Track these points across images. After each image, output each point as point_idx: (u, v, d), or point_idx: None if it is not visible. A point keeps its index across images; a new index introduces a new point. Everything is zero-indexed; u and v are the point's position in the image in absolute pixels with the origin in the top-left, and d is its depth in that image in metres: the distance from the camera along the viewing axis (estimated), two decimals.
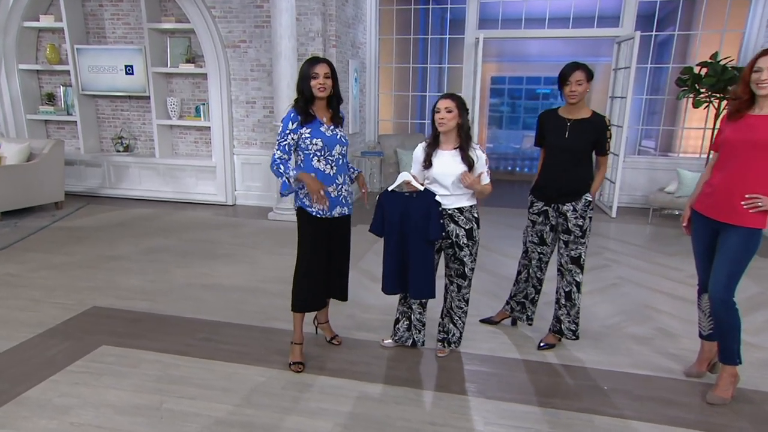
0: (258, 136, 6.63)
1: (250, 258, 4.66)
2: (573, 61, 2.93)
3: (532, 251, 3.14)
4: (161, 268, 4.38)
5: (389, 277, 2.83)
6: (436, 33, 8.66)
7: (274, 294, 3.85)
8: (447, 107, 2.64)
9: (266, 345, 3.11)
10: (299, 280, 2.85)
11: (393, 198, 2.77)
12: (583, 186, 2.91)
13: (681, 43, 6.99)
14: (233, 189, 6.80)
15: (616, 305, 3.77)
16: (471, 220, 2.80)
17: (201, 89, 6.86)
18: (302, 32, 6.00)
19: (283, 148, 2.71)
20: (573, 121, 2.86)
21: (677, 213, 6.07)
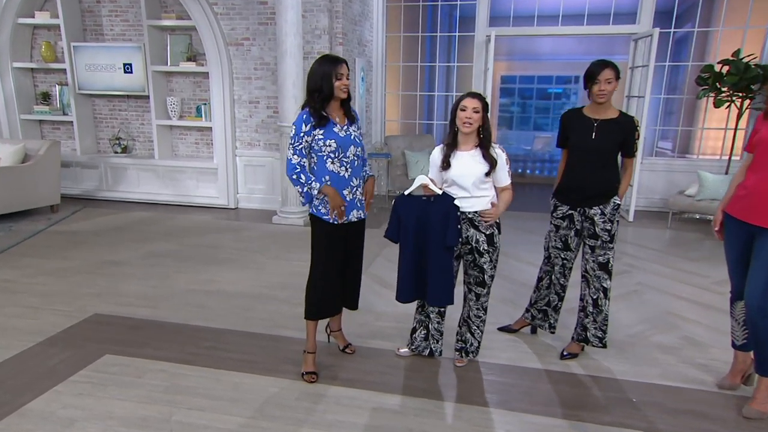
0: (261, 137, 6.62)
1: (254, 263, 4.65)
2: (600, 58, 2.92)
3: (555, 257, 3.11)
4: (163, 273, 4.37)
5: (405, 284, 2.80)
6: (444, 30, 8.65)
7: (280, 300, 3.83)
8: (475, 107, 2.62)
9: (275, 354, 3.08)
10: (313, 287, 2.84)
11: (409, 202, 2.75)
12: (611, 188, 2.89)
13: (699, 41, 6.98)
14: (235, 192, 6.79)
15: (639, 313, 3.74)
16: (492, 225, 2.77)
17: (202, 88, 6.87)
18: (308, 29, 6.01)
19: (299, 152, 2.68)
20: (600, 121, 2.84)
21: (698, 217, 6.04)
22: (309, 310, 2.87)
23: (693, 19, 7.49)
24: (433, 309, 2.96)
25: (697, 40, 6.93)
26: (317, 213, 2.77)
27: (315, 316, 2.88)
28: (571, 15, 7.22)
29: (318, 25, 6.05)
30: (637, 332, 3.44)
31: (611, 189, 2.89)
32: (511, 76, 10.72)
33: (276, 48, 6.11)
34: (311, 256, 2.85)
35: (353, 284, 3.00)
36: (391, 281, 4.26)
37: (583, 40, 9.34)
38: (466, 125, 2.64)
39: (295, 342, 3.20)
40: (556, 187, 3.09)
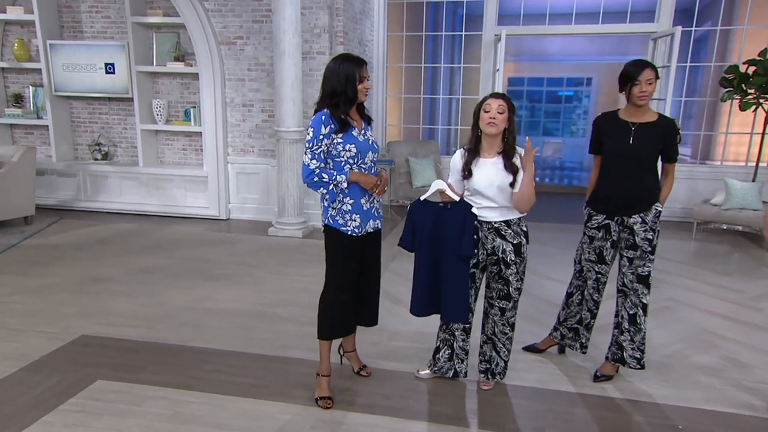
0: (255, 143, 6.60)
1: (253, 278, 4.62)
2: (637, 58, 2.95)
3: (588, 270, 3.09)
4: (154, 290, 4.32)
5: (419, 296, 2.79)
6: (447, 30, 8.72)
7: (285, 319, 3.80)
8: (500, 106, 2.62)
9: (284, 377, 3.04)
10: (329, 304, 2.82)
11: (425, 208, 2.75)
12: (652, 195, 2.89)
13: (720, 40, 7.06)
14: (227, 201, 6.75)
15: (673, 331, 3.74)
16: (519, 234, 2.76)
17: (191, 90, 6.85)
18: (306, 28, 6.02)
19: (318, 156, 2.65)
20: (639, 124, 2.85)
21: (725, 227, 6.07)
22: (323, 329, 2.84)
23: (713, 17, 7.60)
24: (458, 326, 2.94)
25: (717, 39, 7.02)
26: (333, 224, 2.75)
27: (330, 335, 2.85)
28: (585, 13, 7.30)
29: (318, 23, 6.07)
30: (674, 352, 3.44)
31: (653, 196, 2.89)
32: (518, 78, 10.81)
33: (272, 47, 6.12)
34: (326, 271, 2.82)
35: (371, 298, 2.98)
36: (403, 297, 4.24)
37: (595, 39, 9.45)
38: (491, 125, 2.63)
39: (305, 364, 3.16)
40: (590, 195, 3.09)
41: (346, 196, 2.71)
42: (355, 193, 2.72)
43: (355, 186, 2.70)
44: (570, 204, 8.37)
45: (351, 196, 2.71)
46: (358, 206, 2.73)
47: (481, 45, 7.43)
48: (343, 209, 2.72)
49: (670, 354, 3.41)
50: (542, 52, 10.18)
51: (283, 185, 5.87)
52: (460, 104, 8.13)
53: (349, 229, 2.72)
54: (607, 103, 10.09)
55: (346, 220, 2.72)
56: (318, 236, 5.93)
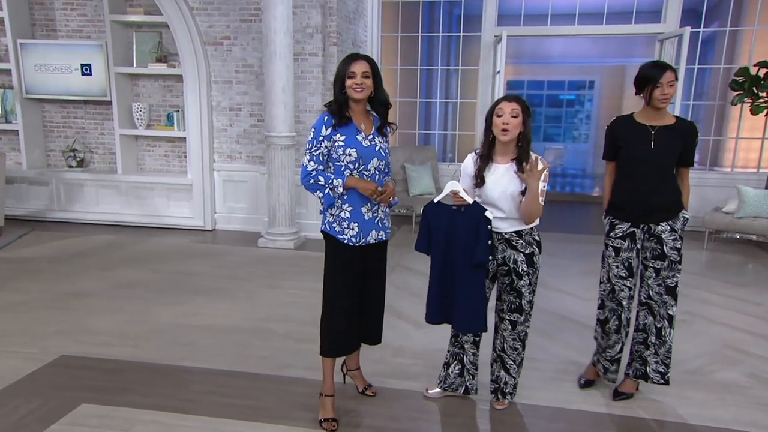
0: (243, 149, 6.58)
1: (245, 293, 4.59)
2: (654, 60, 2.97)
3: (620, 289, 2.97)
4: (139, 306, 4.27)
5: (433, 303, 2.79)
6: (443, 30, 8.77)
7: (282, 335, 3.78)
8: (513, 110, 2.61)
9: (284, 398, 3.01)
10: (329, 319, 2.80)
11: (438, 211, 2.73)
12: (678, 201, 2.91)
13: (728, 41, 7.17)
14: (213, 211, 6.72)
15: (694, 345, 3.76)
16: (531, 243, 2.76)
17: (174, 93, 6.82)
18: (298, 28, 6.03)
19: (316, 158, 2.67)
20: (659, 128, 2.87)
21: (738, 237, 6.13)
22: (326, 346, 2.82)
23: (720, 18, 7.74)
24: (468, 338, 2.93)
25: (726, 40, 7.13)
26: (331, 231, 2.74)
27: (334, 352, 2.83)
28: (587, 14, 7.39)
29: (310, 23, 6.08)
30: (697, 368, 3.44)
31: (678, 201, 2.91)
32: (518, 81, 10.91)
33: (261, 48, 6.12)
34: (324, 283, 2.81)
35: (374, 314, 2.96)
36: (405, 310, 4.25)
37: (598, 41, 9.56)
38: (504, 132, 2.63)
39: (305, 383, 3.13)
40: (609, 202, 3.08)
41: (344, 202, 2.70)
42: (354, 200, 2.70)
43: (355, 192, 2.69)
44: (573, 213, 8.43)
45: (350, 203, 2.70)
46: (357, 214, 2.71)
47: (480, 46, 7.49)
48: (341, 216, 2.71)
49: (692, 370, 3.41)
50: (542, 54, 10.29)
51: (274, 194, 5.84)
52: (458, 108, 8.16)
53: (346, 238, 2.70)
54: (611, 107, 10.21)
55: (343, 227, 2.70)
56: (311, 247, 5.96)
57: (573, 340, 3.81)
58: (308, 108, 6.22)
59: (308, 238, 6.26)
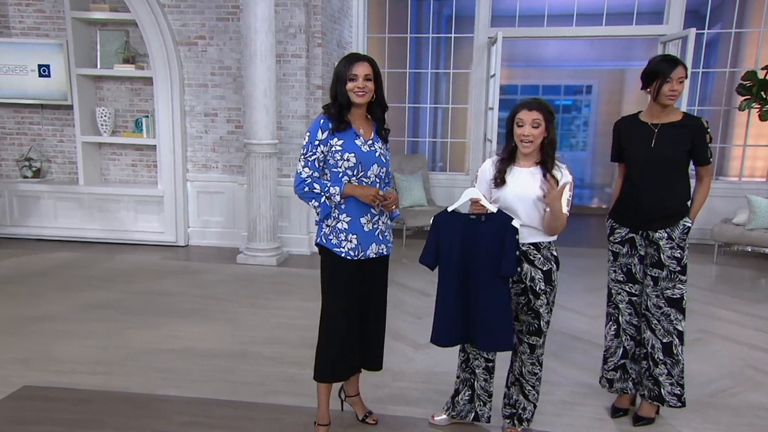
0: (220, 158, 6.55)
1: (226, 313, 4.55)
2: (664, 54, 3.02)
3: (617, 293, 3.11)
4: (110, 329, 4.20)
5: (444, 324, 2.74)
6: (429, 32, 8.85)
7: (270, 359, 3.75)
8: (534, 120, 2.62)
9: (275, 428, 2.96)
10: (326, 341, 2.78)
11: (453, 221, 2.71)
12: (680, 207, 2.94)
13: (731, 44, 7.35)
14: (186, 225, 6.67)
15: (712, 366, 3.79)
16: (549, 259, 2.77)
17: (143, 97, 6.77)
18: (280, 27, 6.04)
19: (311, 164, 2.65)
20: (662, 125, 2.92)
21: (749, 250, 6.24)
22: (322, 370, 2.80)
23: (723, 20, 7.94)
24: (479, 363, 2.91)
25: (727, 44, 7.31)
26: (326, 243, 2.72)
27: (329, 377, 2.81)
28: (585, 14, 7.52)
29: (293, 22, 6.09)
30: (718, 390, 3.47)
31: (681, 208, 2.94)
32: (511, 85, 11.03)
33: (240, 49, 6.13)
34: (322, 302, 2.79)
35: (375, 337, 2.93)
36: (404, 331, 4.23)
37: (595, 43, 9.74)
38: (525, 144, 2.64)
39: (299, 411, 3.09)
40: (613, 205, 3.14)
41: (342, 212, 2.69)
42: (352, 210, 2.69)
43: (353, 201, 2.68)
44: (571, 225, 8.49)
45: (348, 213, 2.69)
46: (356, 226, 2.70)
47: (473, 48, 7.56)
48: (338, 227, 2.69)
49: (713, 392, 3.44)
50: (537, 57, 10.44)
51: (254, 206, 5.81)
52: (450, 114, 8.22)
53: (343, 251, 2.69)
54: (609, 112, 10.37)
55: (340, 240, 2.69)
56: (295, 264, 5.94)
57: (583, 360, 3.83)
58: (291, 113, 6.21)
59: (292, 253, 6.23)
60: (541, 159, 2.71)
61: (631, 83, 10.10)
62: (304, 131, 6.20)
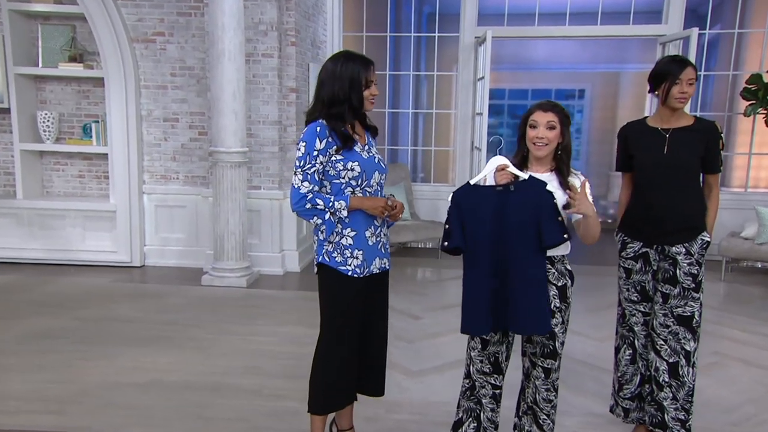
0: (181, 168, 6.51)
1: (194, 341, 4.52)
2: (672, 55, 3.10)
3: (631, 314, 3.15)
4: (60, 361, 4.12)
5: (478, 310, 2.67)
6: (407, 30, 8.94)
7: (249, 391, 3.72)
8: (549, 122, 2.65)
9: None
10: (326, 367, 2.78)
11: (475, 195, 2.66)
12: (698, 218, 3.00)
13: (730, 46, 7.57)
14: (141, 243, 6.59)
15: (732, 391, 3.85)
16: (564, 274, 2.78)
17: (92, 100, 6.70)
18: (249, 24, 6.03)
19: (311, 178, 2.63)
20: (673, 130, 2.99)
21: (759, 266, 6.40)
22: (317, 402, 2.80)
23: (723, 20, 8.19)
24: (486, 392, 2.89)
25: (728, 45, 7.54)
26: (330, 262, 2.72)
27: (325, 408, 2.82)
28: (578, 13, 7.68)
29: (263, 18, 6.09)
30: (742, 418, 3.52)
31: (699, 219, 3.00)
32: (498, 89, 11.17)
33: (204, 47, 6.12)
34: (322, 325, 2.80)
35: (378, 360, 2.96)
36: (395, 358, 4.21)
37: (588, 44, 9.95)
38: (539, 147, 2.67)
39: None
40: (622, 218, 3.19)
41: (345, 226, 2.69)
42: (357, 224, 2.70)
43: (357, 214, 2.69)
44: None
45: (353, 228, 2.69)
46: (361, 240, 2.71)
47: (459, 49, 7.65)
48: (343, 243, 2.70)
49: (738, 420, 3.49)
50: (526, 58, 10.58)
51: (221, 221, 5.76)
52: (434, 120, 8.27)
53: (350, 269, 2.70)
54: (604, 119, 10.57)
55: (345, 257, 2.70)
56: (266, 285, 5.93)
57: (592, 387, 3.87)
58: (262, 118, 6.19)
59: (263, 274, 6.19)
60: (555, 166, 2.74)
61: (627, 87, 10.37)
62: (275, 138, 6.21)
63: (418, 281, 6.46)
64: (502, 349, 2.82)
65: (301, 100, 6.49)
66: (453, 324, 3.82)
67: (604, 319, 5.04)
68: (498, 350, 2.81)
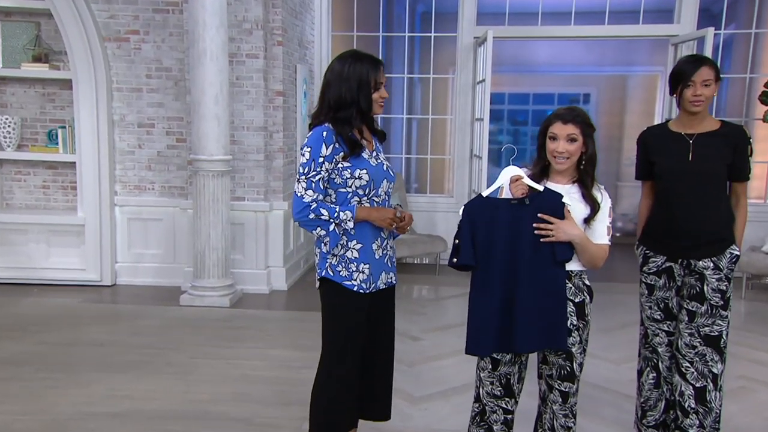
0: (158, 177, 6.50)
1: (174, 366, 4.50)
2: (692, 54, 3.12)
3: (654, 334, 3.14)
4: (28, 390, 4.07)
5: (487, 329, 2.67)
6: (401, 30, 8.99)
7: (239, 420, 3.68)
8: (570, 135, 2.64)
9: None
10: (331, 391, 2.78)
11: (489, 209, 2.67)
12: (726, 230, 3.01)
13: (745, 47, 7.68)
14: (112, 261, 6.55)
15: (764, 418, 3.86)
16: (582, 289, 2.78)
17: (59, 104, 6.67)
18: (233, 22, 6.04)
19: (316, 186, 2.62)
20: (697, 135, 3.00)
21: None
22: (318, 427, 2.81)
23: (737, 20, 8.30)
24: (498, 417, 2.86)
25: (743, 46, 7.64)
26: (334, 276, 2.72)
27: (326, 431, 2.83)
28: (584, 12, 7.75)
29: (248, 16, 6.11)
30: None
31: (727, 231, 3.01)
32: (497, 93, 11.18)
33: (183, 47, 6.14)
34: (324, 345, 2.80)
35: (383, 382, 2.98)
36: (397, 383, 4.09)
37: (594, 46, 10.03)
38: (560, 161, 2.67)
39: None
40: (642, 230, 3.20)
41: (351, 238, 2.69)
42: (364, 236, 2.70)
43: (364, 226, 2.70)
44: None
45: (358, 240, 2.70)
46: (367, 253, 2.71)
47: (456, 50, 7.70)
48: (348, 257, 2.70)
49: None
50: (527, 61, 10.65)
51: (203, 236, 5.74)
52: (430, 126, 8.30)
53: (356, 284, 2.71)
54: (610, 125, 10.64)
55: (351, 271, 2.70)
56: (251, 304, 5.92)
57: (611, 414, 3.86)
58: (246, 124, 6.20)
59: (247, 292, 6.17)
60: (578, 177, 2.75)
61: (635, 92, 10.47)
62: (261, 145, 6.21)
63: (416, 300, 6.43)
64: (514, 370, 2.81)
65: (288, 105, 6.50)
66: (456, 345, 3.84)
67: (618, 339, 5.07)
68: (510, 371, 2.80)
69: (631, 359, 4.54)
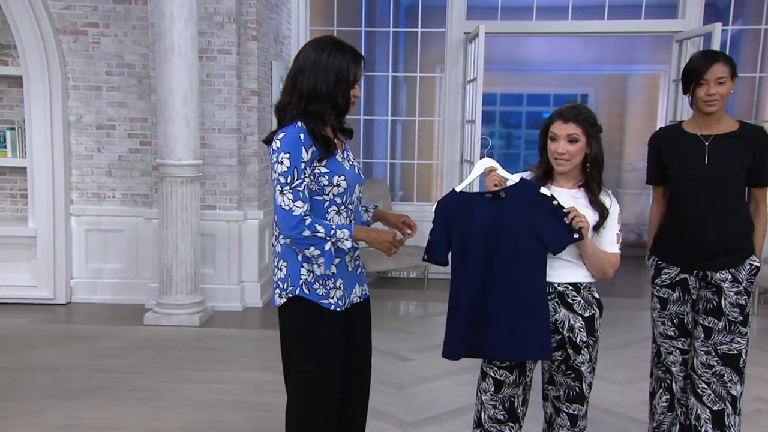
0: (118, 184, 6.49)
1: (139, 391, 4.47)
2: (706, 50, 3.14)
3: (668, 352, 3.16)
4: None
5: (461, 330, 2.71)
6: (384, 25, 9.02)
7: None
8: (571, 135, 2.65)
9: None
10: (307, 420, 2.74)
11: (464, 204, 2.71)
12: (746, 239, 3.04)
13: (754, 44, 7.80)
14: (67, 276, 6.51)
15: None
16: (591, 303, 2.80)
17: (7, 103, 6.65)
18: (203, 14, 6.04)
19: (303, 196, 2.53)
20: (714, 137, 3.02)
21: None
22: None
23: (745, 15, 8.43)
24: None
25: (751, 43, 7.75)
26: (311, 295, 2.64)
27: None
28: (582, 7, 7.84)
29: (219, 8, 6.12)
30: None
31: (746, 241, 3.04)
32: (489, 94, 11.27)
33: (148, 41, 6.13)
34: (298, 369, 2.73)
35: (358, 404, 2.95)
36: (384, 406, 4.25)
37: (591, 43, 10.12)
38: (560, 162, 2.69)
39: None
40: (655, 238, 3.23)
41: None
42: (342, 250, 2.65)
43: None
44: None
45: (338, 254, 2.64)
46: (342, 268, 2.68)
47: (444, 47, 7.75)
48: (324, 273, 2.63)
49: None
50: (520, 59, 10.72)
51: (169, 248, 5.72)
52: (417, 129, 8.31)
53: (332, 302, 2.65)
54: (609, 127, 10.69)
55: (328, 288, 2.64)
56: (223, 323, 5.93)
57: None
58: (218, 126, 6.20)
59: (218, 310, 6.15)
60: (584, 181, 2.76)
61: (637, 92, 10.59)
62: (234, 149, 6.22)
63: (403, 317, 6.47)
64: (518, 392, 2.81)
65: (264, 105, 6.50)
66: (447, 366, 3.84)
67: (623, 359, 5.10)
68: (514, 393, 2.80)
69: (637, 380, 4.60)
